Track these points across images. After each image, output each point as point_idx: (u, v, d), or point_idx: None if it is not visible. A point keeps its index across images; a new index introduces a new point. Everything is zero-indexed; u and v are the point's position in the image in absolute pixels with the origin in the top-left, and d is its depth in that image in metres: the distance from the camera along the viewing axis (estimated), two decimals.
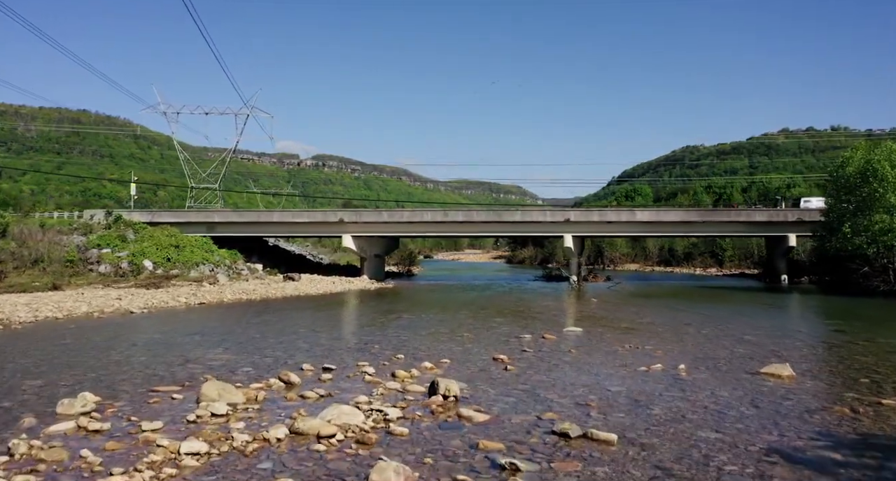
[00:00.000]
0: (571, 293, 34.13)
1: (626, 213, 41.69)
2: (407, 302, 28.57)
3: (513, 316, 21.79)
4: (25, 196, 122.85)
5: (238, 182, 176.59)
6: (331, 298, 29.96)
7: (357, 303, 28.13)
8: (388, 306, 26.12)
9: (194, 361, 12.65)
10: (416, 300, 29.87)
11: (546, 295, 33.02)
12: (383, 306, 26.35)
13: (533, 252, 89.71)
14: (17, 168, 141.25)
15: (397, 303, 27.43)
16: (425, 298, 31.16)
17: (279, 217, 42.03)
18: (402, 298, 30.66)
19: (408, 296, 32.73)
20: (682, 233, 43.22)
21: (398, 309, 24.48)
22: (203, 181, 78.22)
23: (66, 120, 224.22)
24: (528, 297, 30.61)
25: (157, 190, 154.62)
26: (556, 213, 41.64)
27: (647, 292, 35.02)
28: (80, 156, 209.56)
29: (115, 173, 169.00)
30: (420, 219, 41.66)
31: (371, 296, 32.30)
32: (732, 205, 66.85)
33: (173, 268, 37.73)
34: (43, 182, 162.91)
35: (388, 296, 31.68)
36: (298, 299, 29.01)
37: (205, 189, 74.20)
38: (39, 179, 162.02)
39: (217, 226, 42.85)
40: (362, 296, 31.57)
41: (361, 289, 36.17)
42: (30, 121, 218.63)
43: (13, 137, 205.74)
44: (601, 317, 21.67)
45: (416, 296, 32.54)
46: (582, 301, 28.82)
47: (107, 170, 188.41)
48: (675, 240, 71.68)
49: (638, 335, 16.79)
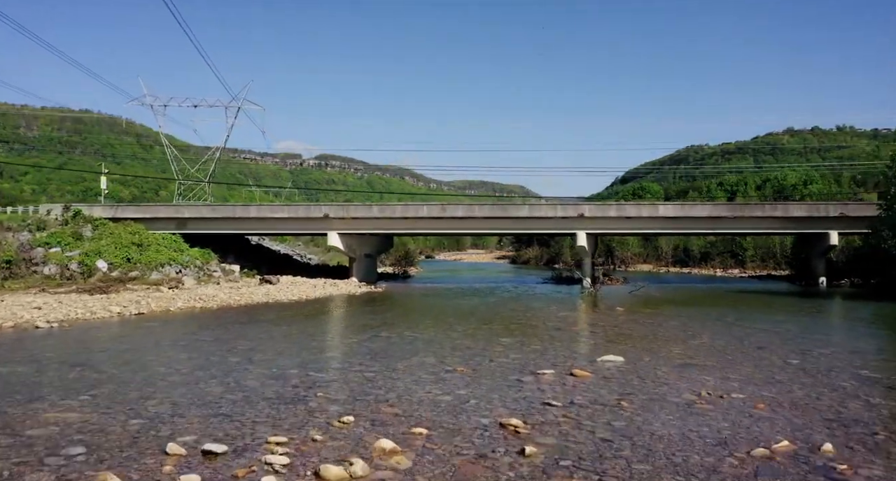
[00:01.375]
0: (587, 298, 28.88)
1: (647, 208, 36.41)
2: (394, 311, 23.35)
3: (523, 333, 16.53)
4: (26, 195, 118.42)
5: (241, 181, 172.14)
6: (304, 306, 24.76)
7: (332, 313, 22.90)
8: (369, 318, 20.91)
9: (20, 421, 7.48)
10: (407, 308, 24.68)
11: (559, 301, 27.78)
12: (363, 318, 21.14)
13: (538, 252, 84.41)
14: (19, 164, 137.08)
15: (382, 314, 22.21)
16: (418, 306, 25.97)
17: (257, 212, 36.90)
18: (391, 306, 25.45)
19: (398, 302, 27.53)
20: (708, 230, 37.89)
21: (380, 322, 19.24)
22: (192, 177, 73.26)
23: (69, 120, 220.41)
24: (538, 306, 25.35)
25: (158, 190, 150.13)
26: (569, 208, 36.37)
27: (676, 297, 29.71)
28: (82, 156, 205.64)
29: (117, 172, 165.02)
30: (415, 214, 36.44)
31: (355, 302, 27.10)
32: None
33: (133, 269, 32.60)
34: (44, 181, 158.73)
35: (374, 303, 26.48)
36: (265, 307, 23.81)
37: (194, 184, 69.28)
38: (41, 179, 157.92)
39: (188, 223, 37.71)
40: (343, 304, 26.37)
41: (346, 294, 30.98)
42: (32, 121, 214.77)
43: (15, 137, 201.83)
44: (640, 334, 16.38)
45: (408, 303, 27.33)
46: (604, 309, 23.53)
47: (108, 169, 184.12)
48: (691, 239, 66.30)
49: (705, 368, 11.53)
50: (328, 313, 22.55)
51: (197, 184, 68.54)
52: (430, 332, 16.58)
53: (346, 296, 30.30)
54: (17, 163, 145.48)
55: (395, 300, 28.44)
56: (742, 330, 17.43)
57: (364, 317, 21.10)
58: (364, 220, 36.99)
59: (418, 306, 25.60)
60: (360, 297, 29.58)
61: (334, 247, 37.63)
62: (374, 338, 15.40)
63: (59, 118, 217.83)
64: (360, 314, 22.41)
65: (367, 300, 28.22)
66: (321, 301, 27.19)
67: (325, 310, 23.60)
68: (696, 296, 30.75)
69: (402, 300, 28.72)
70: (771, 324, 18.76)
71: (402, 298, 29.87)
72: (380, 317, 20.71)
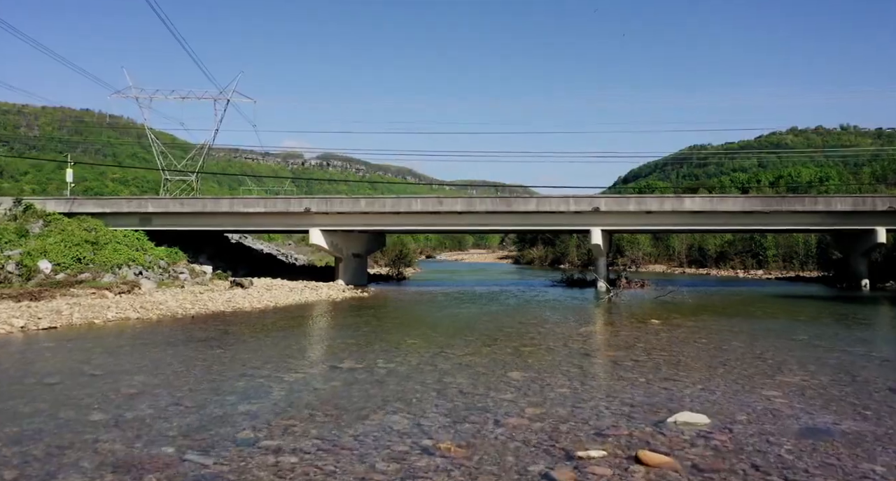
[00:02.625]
0: (607, 305, 24.13)
1: (670, 201, 31.63)
2: (374, 324, 18.59)
3: (540, 363, 11.78)
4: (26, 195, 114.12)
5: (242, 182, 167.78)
6: (268, 317, 20.03)
7: (295, 328, 18.10)
8: (338, 336, 16.21)
9: None
10: (391, 320, 19.94)
11: (576, 310, 23.03)
12: (330, 336, 16.43)
13: (543, 251, 79.58)
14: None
15: (356, 329, 17.47)
16: (405, 316, 21.25)
17: (229, 206, 32.17)
18: (373, 316, 20.71)
19: (383, 311, 22.80)
20: (739, 227, 33.09)
21: (349, 343, 14.50)
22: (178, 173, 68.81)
23: (69, 119, 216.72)
24: (551, 316, 20.61)
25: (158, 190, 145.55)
26: (582, 202, 31.59)
27: (713, 304, 24.91)
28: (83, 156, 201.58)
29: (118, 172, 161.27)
30: (408, 208, 31.71)
31: (331, 312, 22.38)
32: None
33: (84, 270, 27.94)
34: (44, 181, 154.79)
35: (354, 313, 21.76)
36: (217, 319, 19.10)
37: (181, 181, 64.85)
38: (41, 179, 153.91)
39: (153, 219, 33.04)
40: (317, 314, 21.63)
41: (326, 300, 26.26)
42: (32, 120, 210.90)
43: (16, 137, 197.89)
44: (703, 363, 11.60)
45: (394, 312, 22.60)
46: (635, 322, 18.74)
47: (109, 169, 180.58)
48: (707, 238, 61.47)
49: (849, 438, 6.76)
50: (290, 328, 17.80)
51: (184, 181, 64.12)
52: (411, 360, 11.83)
53: (325, 302, 25.58)
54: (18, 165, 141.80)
55: (381, 308, 23.71)
56: (829, 353, 12.67)
57: (332, 335, 16.38)
58: (350, 215, 32.27)
59: (406, 317, 20.88)
60: (341, 304, 24.85)
61: (317, 245, 32.90)
62: (331, 373, 10.68)
63: (60, 117, 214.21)
64: (329, 329, 17.70)
65: (348, 308, 23.50)
66: (292, 309, 22.46)
67: (289, 323, 18.85)
68: (735, 302, 25.94)
69: (389, 308, 23.99)
70: (860, 344, 14.00)
71: (391, 305, 25.15)
72: (352, 334, 15.99)
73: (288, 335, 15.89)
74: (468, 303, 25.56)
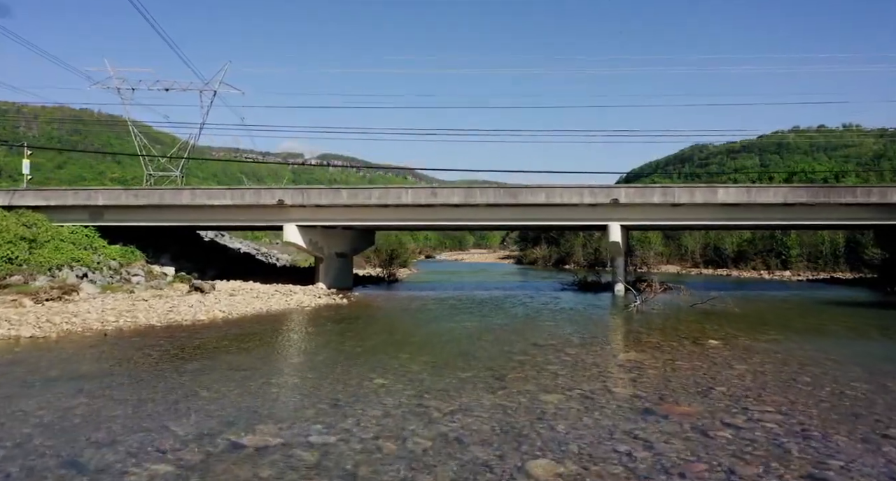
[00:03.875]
0: (633, 313, 19.33)
1: (702, 192, 26.77)
2: (338, 347, 13.76)
3: (580, 433, 6.95)
4: None
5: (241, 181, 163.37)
6: (207, 334, 15.22)
7: (228, 353, 13.17)
8: (281, 370, 11.40)
9: None
10: (364, 340, 15.05)
11: (600, 322, 18.24)
12: (269, 370, 11.56)
13: (547, 251, 74.65)
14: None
15: (314, 355, 12.67)
16: (385, 334, 16.38)
17: (190, 198, 27.36)
18: (343, 334, 15.90)
19: (359, 325, 17.95)
20: (779, 222, 28.24)
21: (292, 384, 9.74)
22: (162, 168, 64.19)
23: (68, 119, 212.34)
24: (575, 335, 15.78)
25: None
26: (598, 192, 26.78)
27: (767, 314, 20.05)
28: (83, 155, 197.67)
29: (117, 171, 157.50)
30: (397, 200, 26.91)
31: (295, 325, 17.57)
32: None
33: (15, 272, 23.21)
34: (44, 181, 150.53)
35: (321, 328, 16.97)
36: (144, 335, 14.31)
37: (163, 177, 60.14)
38: (40, 178, 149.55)
39: (105, 212, 28.28)
40: (274, 328, 16.79)
41: (296, 308, 21.47)
42: (31, 120, 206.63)
43: (15, 137, 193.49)
44: (848, 428, 6.79)
45: (373, 328, 17.73)
46: (686, 342, 13.89)
47: (108, 169, 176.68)
48: (723, 236, 56.60)
49: None
50: (214, 355, 12.96)
51: (168, 177, 59.47)
52: (368, 425, 7.02)
53: (292, 311, 20.78)
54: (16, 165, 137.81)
55: (358, 320, 18.88)
56: None
57: (268, 370, 11.51)
58: (331, 209, 27.48)
59: (384, 335, 16.05)
60: (311, 315, 20.05)
61: (293, 243, 28.11)
62: (224, 458, 5.89)
63: (59, 117, 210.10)
64: (269, 357, 12.85)
65: (317, 320, 18.70)
66: (245, 322, 17.64)
67: (222, 345, 14.01)
68: (791, 312, 21.07)
69: (367, 320, 19.16)
70: None
71: (371, 316, 20.33)
72: (298, 367, 11.22)
73: (201, 370, 11.04)
74: (466, 312, 20.75)
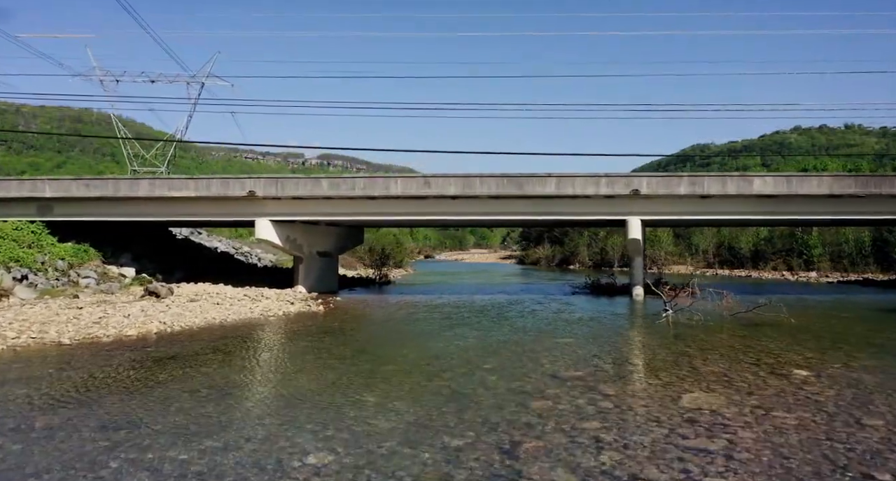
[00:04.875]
0: (665, 324, 15.52)
1: (734, 182, 22.92)
2: (297, 378, 9.94)
3: None
4: None
5: None
6: (127, 358, 11.39)
7: (130, 395, 9.27)
8: (197, 423, 7.52)
9: None
10: (334, 363, 11.16)
11: (631, 340, 14.39)
12: (169, 425, 7.71)
13: (550, 250, 70.71)
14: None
15: (257, 388, 8.84)
16: (362, 352, 12.47)
17: (148, 189, 23.54)
18: (311, 353, 12.10)
19: (333, 341, 14.07)
20: (823, 216, 24.34)
21: (198, 445, 5.81)
22: (148, 164, 60.59)
23: (68, 118, 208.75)
24: (605, 359, 11.95)
25: None
26: (617, 182, 22.93)
27: (837, 327, 16.18)
28: (82, 155, 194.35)
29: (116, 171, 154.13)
30: (385, 192, 23.09)
31: (251, 343, 13.71)
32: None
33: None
34: None
35: (279, 348, 13.17)
36: (46, 357, 10.50)
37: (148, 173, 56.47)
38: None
39: (55, 206, 24.50)
40: (221, 349, 12.91)
41: (261, 318, 17.64)
42: (31, 119, 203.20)
43: (14, 136, 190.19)
44: None
45: (348, 345, 13.78)
46: (764, 372, 10.05)
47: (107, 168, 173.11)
48: (737, 234, 52.71)
49: None
50: (107, 396, 9.16)
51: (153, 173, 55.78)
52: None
53: (255, 323, 16.95)
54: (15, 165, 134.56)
55: (330, 335, 15.02)
56: None
57: (156, 432, 7.70)
58: (310, 201, 23.68)
59: (357, 358, 12.17)
60: (274, 328, 16.22)
61: (267, 241, 24.29)
62: None
63: (58, 116, 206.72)
64: (174, 409, 9.00)
65: (279, 336, 14.88)
66: (185, 340, 13.80)
67: (134, 377, 10.20)
68: (858, 322, 17.21)
69: (341, 335, 15.28)
70: None
71: (349, 328, 16.45)
72: (199, 432, 7.39)
73: (49, 433, 7.21)
74: (463, 323, 16.92)
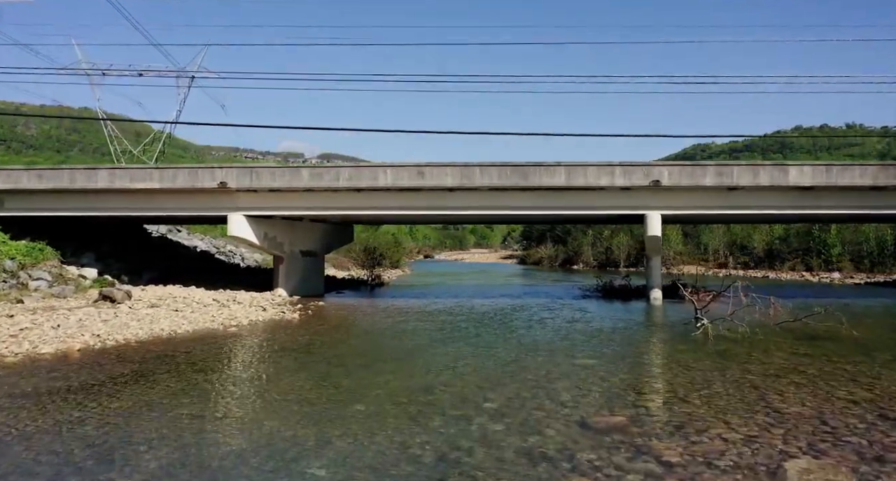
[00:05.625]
0: (702, 337, 12.70)
1: (768, 172, 20.07)
2: (222, 431, 7.07)
3: None
4: None
5: None
6: (20, 389, 8.57)
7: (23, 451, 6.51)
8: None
9: None
10: (288, 398, 8.33)
11: (669, 359, 11.49)
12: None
13: (553, 250, 67.79)
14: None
15: (160, 450, 6.01)
16: (328, 378, 9.60)
17: (108, 180, 20.70)
18: (259, 380, 9.27)
19: (298, 361, 11.19)
20: (866, 210, 21.38)
21: None
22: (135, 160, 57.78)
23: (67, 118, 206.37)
24: (640, 388, 9.12)
25: None
26: (635, 172, 20.06)
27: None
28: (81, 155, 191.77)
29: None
30: (373, 183, 20.24)
31: (196, 364, 10.82)
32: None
33: None
34: None
35: (236, 368, 10.31)
36: None
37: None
38: None
39: (6, 199, 21.69)
40: (151, 374, 10.04)
41: (221, 330, 14.80)
42: (30, 119, 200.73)
43: (13, 136, 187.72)
44: None
45: (314, 368, 10.86)
46: (872, 414, 7.26)
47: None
48: (750, 234, 49.82)
49: None
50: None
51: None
52: None
53: (214, 335, 14.10)
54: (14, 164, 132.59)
55: (295, 353, 12.16)
56: None
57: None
58: (289, 195, 20.83)
59: (321, 388, 9.31)
60: (233, 342, 13.35)
61: (240, 238, 21.44)
62: None
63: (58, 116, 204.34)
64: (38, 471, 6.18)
65: (235, 353, 12.02)
66: (113, 362, 10.95)
67: (10, 418, 7.37)
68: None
69: (311, 352, 12.40)
70: None
71: (322, 343, 13.55)
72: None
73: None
74: (460, 337, 14.06)
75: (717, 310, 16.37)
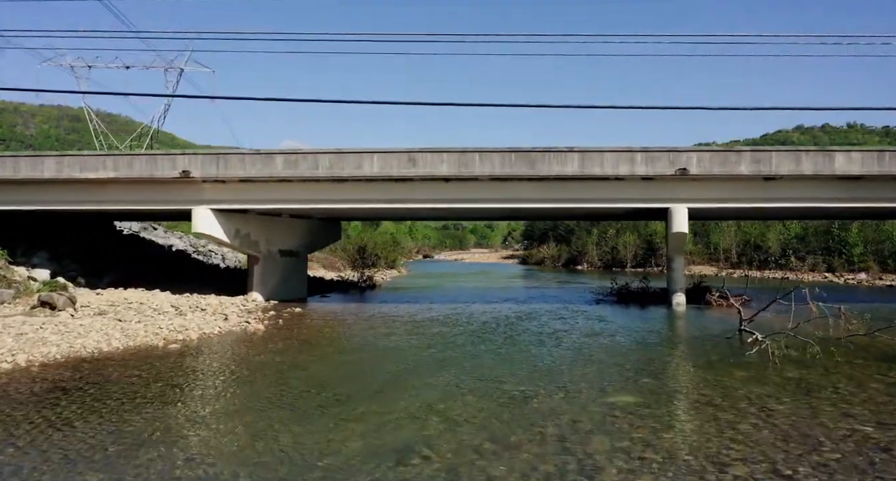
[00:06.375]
0: (758, 359, 9.90)
1: (811, 159, 17.23)
2: None
3: None
4: None
5: None
6: None
7: None
8: None
9: None
10: (208, 461, 5.56)
11: (730, 393, 8.51)
12: None
13: (556, 250, 64.83)
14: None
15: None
16: (286, 421, 6.75)
17: (56, 170, 17.87)
18: (195, 424, 6.40)
19: (249, 396, 8.35)
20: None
21: None
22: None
23: (66, 117, 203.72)
24: (712, 451, 6.22)
25: None
26: (658, 158, 17.21)
27: None
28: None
29: None
30: (358, 171, 17.40)
31: (114, 395, 8.00)
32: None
33: None
34: None
35: (169, 402, 7.45)
36: None
37: None
38: None
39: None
40: (46, 413, 7.15)
41: (160, 348, 11.97)
42: (29, 118, 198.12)
43: (12, 135, 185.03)
44: None
45: (275, 399, 8.00)
46: None
47: None
48: (765, 233, 46.88)
49: None
50: None
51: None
52: None
53: (146, 355, 11.25)
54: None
55: (247, 384, 9.31)
56: None
57: None
58: (262, 186, 17.99)
59: (256, 447, 6.47)
60: (169, 364, 10.49)
61: (207, 235, 18.59)
62: None
63: (57, 115, 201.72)
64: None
65: (154, 388, 9.18)
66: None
67: None
68: None
69: (264, 380, 9.56)
70: None
71: (284, 366, 10.70)
72: None
73: None
74: (455, 358, 11.21)
75: (760, 319, 13.53)
